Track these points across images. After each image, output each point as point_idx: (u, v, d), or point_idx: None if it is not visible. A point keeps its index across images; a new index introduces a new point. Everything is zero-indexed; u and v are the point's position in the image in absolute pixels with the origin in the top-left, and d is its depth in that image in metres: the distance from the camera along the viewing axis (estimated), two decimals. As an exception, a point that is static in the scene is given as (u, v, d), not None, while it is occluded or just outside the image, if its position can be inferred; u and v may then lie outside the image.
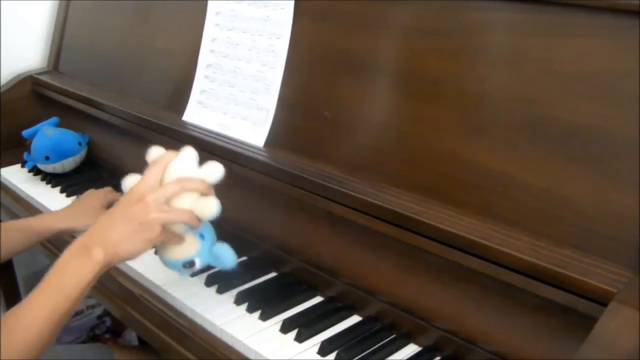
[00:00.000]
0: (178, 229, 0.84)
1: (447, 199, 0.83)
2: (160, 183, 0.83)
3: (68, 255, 0.79)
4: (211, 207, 0.83)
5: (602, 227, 0.71)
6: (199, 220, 0.84)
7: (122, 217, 0.81)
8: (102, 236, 0.80)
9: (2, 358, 0.70)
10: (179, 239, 0.85)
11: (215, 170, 0.85)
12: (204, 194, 0.84)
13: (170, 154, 0.86)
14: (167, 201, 0.82)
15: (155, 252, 0.89)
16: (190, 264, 0.87)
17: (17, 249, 1.06)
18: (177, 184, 0.82)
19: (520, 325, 0.76)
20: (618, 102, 0.71)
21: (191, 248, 0.87)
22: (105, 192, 1.19)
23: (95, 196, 1.17)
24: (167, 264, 0.89)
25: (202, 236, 0.88)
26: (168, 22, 1.32)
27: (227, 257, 0.89)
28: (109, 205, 1.15)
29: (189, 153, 0.86)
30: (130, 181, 0.87)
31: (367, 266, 0.91)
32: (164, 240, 0.84)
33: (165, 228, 0.82)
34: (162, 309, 0.94)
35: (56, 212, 1.16)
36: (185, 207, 0.82)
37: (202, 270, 0.96)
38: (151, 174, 0.83)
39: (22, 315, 0.75)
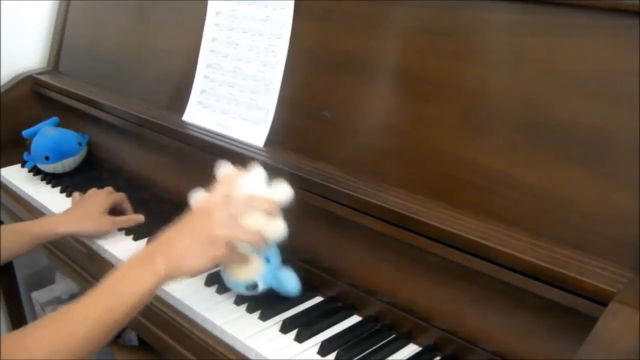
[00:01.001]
0: (244, 249, 0.84)
1: (447, 199, 0.83)
2: (228, 200, 0.82)
3: (131, 262, 0.79)
4: (277, 228, 0.83)
5: (602, 227, 0.71)
6: (265, 241, 0.83)
7: (187, 230, 0.80)
8: (167, 248, 0.79)
9: (45, 350, 0.69)
10: (243, 259, 0.85)
11: (284, 191, 0.84)
12: (271, 215, 0.83)
13: (240, 172, 0.86)
14: (234, 219, 0.81)
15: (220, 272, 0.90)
16: (254, 286, 0.88)
17: (16, 252, 1.06)
18: (245, 202, 0.82)
19: (520, 325, 0.76)
20: (618, 102, 0.71)
21: (256, 270, 0.87)
22: (107, 195, 1.16)
23: (96, 199, 1.15)
24: (230, 284, 0.89)
25: (267, 259, 0.88)
26: (168, 22, 1.32)
27: (290, 283, 0.89)
28: (111, 209, 1.14)
29: (258, 172, 0.86)
30: (197, 196, 0.87)
31: (367, 266, 0.91)
32: (228, 258, 0.84)
33: (231, 247, 0.82)
34: (162, 309, 0.94)
35: (57, 215, 1.16)
36: (252, 227, 0.82)
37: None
38: (219, 190, 0.83)
39: (74, 311, 0.74)
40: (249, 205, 0.82)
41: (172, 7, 1.30)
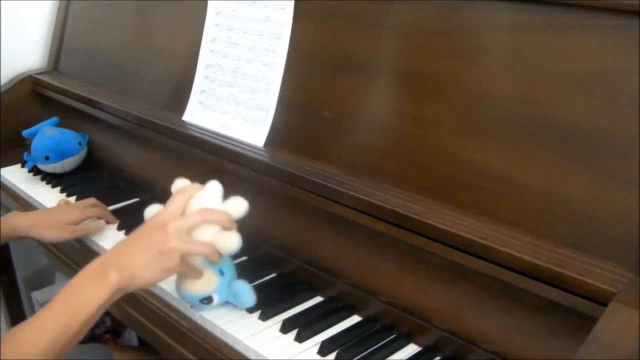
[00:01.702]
0: (198, 262, 0.84)
1: (447, 199, 0.83)
2: (183, 213, 0.83)
3: (83, 275, 0.79)
4: (232, 241, 0.83)
5: (602, 227, 0.71)
6: (219, 254, 0.84)
7: (141, 243, 0.80)
8: (120, 260, 0.79)
9: None
10: (198, 273, 0.85)
11: (239, 205, 0.85)
12: (225, 228, 0.84)
13: (195, 185, 0.86)
14: (188, 231, 0.81)
15: (175, 288, 0.90)
16: (208, 299, 0.87)
17: None
18: (199, 214, 0.82)
19: (520, 325, 0.76)
20: (618, 102, 0.71)
21: (210, 284, 0.87)
22: (82, 211, 1.12)
23: (68, 212, 1.12)
24: (185, 297, 0.89)
25: (221, 272, 0.88)
26: (168, 22, 1.32)
27: (245, 296, 0.89)
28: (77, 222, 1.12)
29: (214, 186, 0.86)
30: (152, 209, 0.87)
31: (367, 266, 0.91)
32: (182, 272, 0.84)
33: (185, 260, 0.82)
34: (162, 309, 0.94)
35: (20, 216, 1.12)
36: (206, 240, 0.82)
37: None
38: (174, 203, 0.83)
39: (29, 330, 0.75)
40: (204, 218, 0.82)
41: (172, 7, 1.30)
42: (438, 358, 0.83)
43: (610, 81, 0.72)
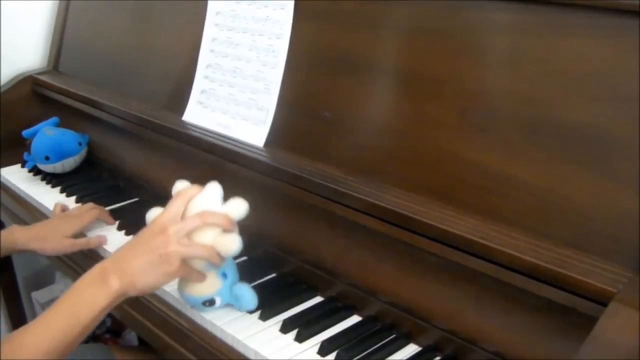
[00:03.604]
0: (200, 265, 0.84)
1: (447, 199, 0.83)
2: (183, 216, 0.82)
3: (85, 280, 0.79)
4: (232, 243, 0.82)
5: (602, 227, 0.71)
6: (221, 257, 0.83)
7: (142, 248, 0.80)
8: (121, 265, 0.79)
9: None
10: (200, 276, 0.85)
11: (239, 207, 0.84)
12: (226, 230, 0.83)
13: (195, 187, 0.86)
14: (189, 235, 0.81)
15: (177, 289, 0.89)
16: (210, 302, 0.87)
17: None
18: (199, 217, 0.82)
19: (520, 325, 0.76)
20: (618, 102, 0.71)
21: (212, 286, 0.87)
22: (80, 219, 1.12)
23: (67, 222, 1.11)
24: (187, 300, 0.89)
25: (224, 275, 0.88)
26: (168, 22, 1.32)
27: (247, 299, 0.89)
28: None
29: (214, 188, 0.86)
30: (153, 213, 0.87)
31: (367, 266, 0.91)
32: (184, 275, 0.84)
33: (186, 263, 0.82)
34: (162, 309, 0.94)
35: (18, 229, 1.11)
36: (206, 243, 0.82)
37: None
38: (174, 206, 0.83)
39: (31, 333, 0.75)
40: (204, 221, 0.82)
41: (172, 7, 1.30)
42: (438, 358, 0.83)
43: (610, 81, 0.72)
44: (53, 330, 0.75)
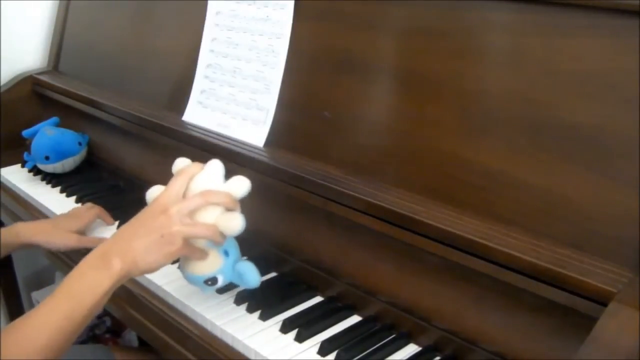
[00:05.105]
0: (201, 244, 0.83)
1: (447, 199, 0.83)
2: (184, 195, 0.81)
3: (86, 263, 0.78)
4: (235, 222, 0.81)
5: (602, 227, 0.71)
6: (223, 236, 0.82)
7: (143, 228, 0.79)
8: (122, 246, 0.78)
9: None
10: (202, 254, 0.83)
11: (241, 185, 0.83)
12: (229, 209, 0.82)
13: (196, 165, 0.84)
14: (191, 214, 0.80)
15: (178, 267, 0.88)
16: (213, 280, 0.85)
17: None
18: (202, 196, 0.80)
19: (520, 325, 0.76)
20: (618, 102, 0.71)
21: (214, 265, 0.85)
22: (81, 218, 1.12)
23: (71, 219, 1.12)
24: (189, 279, 0.87)
25: (226, 253, 0.86)
26: (168, 22, 1.32)
27: (250, 276, 0.87)
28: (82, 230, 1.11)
29: (216, 165, 0.84)
30: (154, 192, 0.85)
31: (367, 266, 0.91)
32: (186, 254, 0.82)
33: (188, 242, 0.80)
34: (162, 309, 0.94)
35: (22, 224, 1.11)
36: (209, 222, 0.81)
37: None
38: (175, 185, 0.81)
39: (34, 318, 0.74)
40: (206, 199, 0.80)
41: (172, 7, 1.30)
42: (438, 358, 0.83)
43: (610, 81, 0.72)
44: (56, 316, 0.73)
